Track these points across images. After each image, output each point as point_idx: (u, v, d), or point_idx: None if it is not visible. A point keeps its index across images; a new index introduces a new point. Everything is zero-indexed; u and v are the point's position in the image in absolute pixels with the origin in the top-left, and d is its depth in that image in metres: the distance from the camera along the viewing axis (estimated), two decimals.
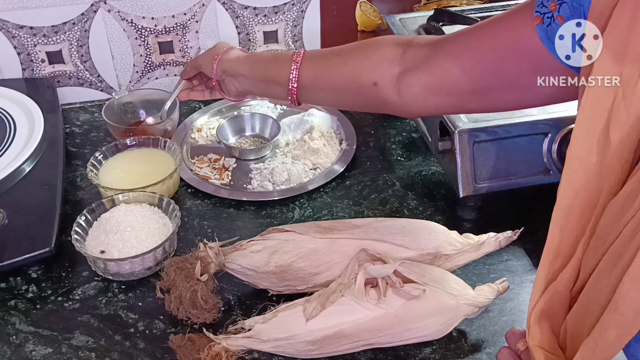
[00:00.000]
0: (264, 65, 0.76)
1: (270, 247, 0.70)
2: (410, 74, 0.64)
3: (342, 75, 0.69)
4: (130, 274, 0.75)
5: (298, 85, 0.72)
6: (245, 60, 0.78)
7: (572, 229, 0.48)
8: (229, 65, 0.79)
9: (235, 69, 0.78)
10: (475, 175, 0.79)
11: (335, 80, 0.70)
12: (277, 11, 1.07)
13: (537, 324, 0.50)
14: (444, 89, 0.63)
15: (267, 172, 0.91)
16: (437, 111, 0.70)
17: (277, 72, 0.73)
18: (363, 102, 0.71)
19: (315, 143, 0.94)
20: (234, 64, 0.78)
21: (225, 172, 0.92)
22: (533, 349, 0.50)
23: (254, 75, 0.77)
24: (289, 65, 0.72)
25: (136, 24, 1.03)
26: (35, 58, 1.03)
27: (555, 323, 0.51)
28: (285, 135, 0.97)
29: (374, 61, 0.67)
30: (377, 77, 0.66)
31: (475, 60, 0.60)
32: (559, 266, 0.50)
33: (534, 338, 0.50)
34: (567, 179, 0.49)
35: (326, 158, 0.93)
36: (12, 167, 0.83)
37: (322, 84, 0.72)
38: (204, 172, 0.92)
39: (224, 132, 0.97)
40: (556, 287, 0.50)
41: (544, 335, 0.50)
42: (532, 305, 0.51)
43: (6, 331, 0.69)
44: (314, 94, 0.73)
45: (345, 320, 0.64)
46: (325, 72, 0.71)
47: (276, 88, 0.74)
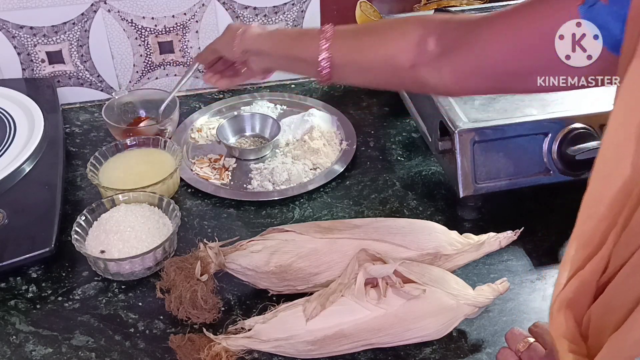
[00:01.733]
0: (290, 42, 0.73)
1: (270, 247, 0.70)
2: (449, 55, 0.62)
3: (377, 56, 0.66)
4: (130, 274, 0.75)
5: (329, 64, 0.68)
6: (269, 37, 0.75)
7: (602, 217, 0.47)
8: (251, 43, 0.75)
9: (258, 47, 0.75)
10: (475, 175, 0.79)
11: (369, 61, 0.67)
12: (277, 11, 1.07)
13: (561, 312, 0.49)
14: (484, 72, 0.61)
15: (267, 172, 0.91)
16: (477, 92, 0.69)
17: (305, 50, 0.70)
18: (398, 82, 0.69)
19: (315, 143, 0.94)
20: (256, 41, 0.75)
21: (225, 172, 0.92)
22: (556, 338, 0.49)
23: (279, 52, 0.74)
24: (316, 42, 0.69)
25: (136, 24, 1.03)
26: (35, 58, 1.03)
27: (579, 313, 0.50)
28: (285, 135, 0.97)
29: (410, 41, 0.64)
30: (414, 59, 0.64)
31: (515, 42, 0.58)
32: (587, 255, 0.49)
33: (558, 327, 0.49)
34: (600, 166, 0.48)
35: (326, 158, 0.93)
36: (12, 167, 0.83)
37: (354, 63, 0.69)
38: (204, 172, 0.92)
39: (224, 132, 0.97)
40: (583, 275, 0.49)
41: (568, 324, 0.49)
42: (557, 293, 0.49)
43: (6, 331, 0.69)
44: (344, 73, 0.70)
45: (345, 320, 0.64)
46: (358, 52, 0.68)
47: (303, 65, 0.72)
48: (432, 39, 0.63)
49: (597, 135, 0.79)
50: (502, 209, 0.84)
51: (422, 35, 0.64)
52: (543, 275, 0.75)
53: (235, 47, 0.76)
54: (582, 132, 0.78)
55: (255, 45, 0.75)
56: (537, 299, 0.73)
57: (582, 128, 0.79)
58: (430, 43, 0.63)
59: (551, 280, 0.75)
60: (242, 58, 0.77)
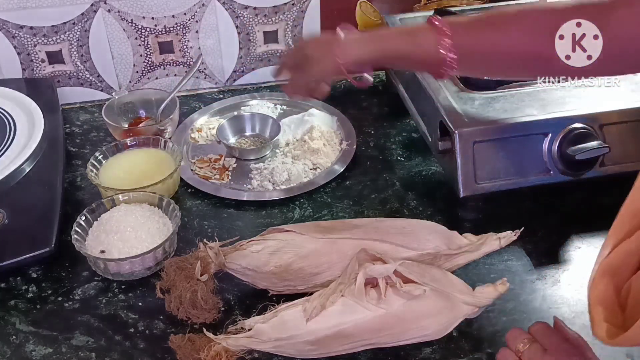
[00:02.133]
0: (399, 43, 0.70)
1: (270, 247, 0.70)
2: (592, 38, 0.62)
3: (505, 48, 0.66)
4: (130, 274, 0.75)
5: (454, 60, 0.67)
6: (371, 42, 0.71)
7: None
8: (355, 55, 0.71)
9: (364, 58, 0.71)
10: (475, 175, 0.79)
11: (498, 53, 0.66)
12: (277, 11, 1.07)
13: (603, 278, 0.49)
14: (620, 57, 0.62)
15: (267, 172, 0.91)
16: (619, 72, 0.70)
17: (419, 49, 0.68)
18: (532, 74, 0.69)
19: (315, 143, 0.94)
20: (360, 52, 0.71)
21: (225, 172, 0.92)
22: (593, 306, 0.49)
23: (388, 56, 0.71)
24: (432, 40, 0.67)
25: (136, 24, 1.03)
26: (35, 58, 1.03)
27: (620, 281, 0.50)
28: (285, 135, 0.97)
29: (540, 30, 0.64)
30: (548, 49, 0.64)
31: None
32: (636, 224, 0.49)
33: (597, 294, 0.49)
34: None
35: (326, 158, 0.93)
36: (12, 167, 0.83)
37: (480, 57, 0.68)
38: (204, 172, 0.92)
39: (224, 132, 0.97)
40: (629, 245, 0.49)
41: (608, 292, 0.49)
42: (601, 259, 0.50)
43: (6, 331, 0.69)
44: (466, 69, 0.70)
45: (345, 320, 0.64)
46: (482, 45, 0.67)
47: (415, 65, 0.71)
48: (569, 24, 0.63)
49: (597, 135, 0.79)
50: (502, 209, 0.84)
51: (553, 26, 0.63)
52: (543, 275, 0.75)
53: (341, 59, 0.71)
54: (582, 132, 0.78)
55: (361, 57, 0.71)
56: (537, 299, 0.72)
57: (582, 128, 0.79)
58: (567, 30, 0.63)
59: (551, 280, 0.75)
60: (353, 69, 0.73)
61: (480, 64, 0.69)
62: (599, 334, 0.49)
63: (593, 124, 0.79)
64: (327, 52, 0.72)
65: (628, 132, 0.82)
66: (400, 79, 1.00)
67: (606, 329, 0.48)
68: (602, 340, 0.49)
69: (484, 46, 0.67)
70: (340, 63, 0.71)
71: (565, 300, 0.72)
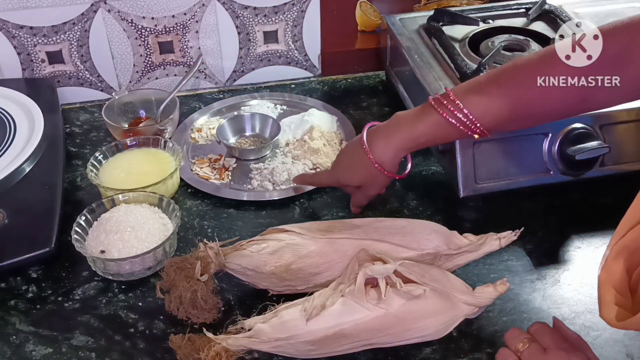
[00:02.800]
0: (430, 135, 0.72)
1: (270, 247, 0.70)
2: (624, 68, 0.63)
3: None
4: (130, 274, 0.75)
5: (482, 129, 0.70)
6: (392, 143, 0.74)
7: None
8: (384, 158, 0.75)
9: (393, 157, 0.75)
10: (475, 175, 0.79)
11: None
12: (277, 11, 1.07)
13: (617, 260, 0.50)
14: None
15: (267, 172, 0.91)
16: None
17: (450, 137, 0.72)
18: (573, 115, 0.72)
19: (315, 143, 0.94)
20: (387, 156, 0.75)
21: (225, 172, 0.92)
22: (604, 288, 0.50)
23: (422, 146, 0.74)
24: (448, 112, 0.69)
25: (136, 24, 1.03)
26: (35, 58, 1.03)
27: (633, 264, 0.50)
28: (285, 135, 0.97)
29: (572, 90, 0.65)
30: (585, 91, 0.65)
31: None
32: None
33: (609, 275, 0.50)
34: None
35: (326, 158, 0.93)
36: (12, 167, 0.83)
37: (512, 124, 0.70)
38: (204, 172, 0.92)
39: (224, 132, 0.97)
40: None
41: (620, 274, 0.50)
42: (615, 241, 0.50)
43: (6, 331, 0.69)
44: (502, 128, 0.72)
45: (345, 320, 0.64)
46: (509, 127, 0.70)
47: (442, 139, 0.74)
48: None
49: (597, 135, 0.79)
50: (502, 209, 0.84)
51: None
52: (543, 275, 0.75)
53: (387, 167, 0.75)
54: (582, 132, 0.78)
55: (391, 160, 0.75)
56: (537, 299, 0.72)
57: (582, 128, 0.79)
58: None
59: (551, 280, 0.75)
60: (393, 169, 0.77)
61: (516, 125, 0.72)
62: (607, 316, 0.49)
63: (593, 124, 0.79)
64: (373, 177, 0.77)
65: (628, 132, 0.82)
66: (400, 79, 1.00)
67: (616, 311, 0.48)
68: (610, 322, 0.49)
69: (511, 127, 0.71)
70: (390, 176, 0.77)
71: (565, 300, 0.72)
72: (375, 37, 1.14)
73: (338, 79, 1.13)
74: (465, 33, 0.96)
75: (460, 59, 0.87)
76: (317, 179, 0.85)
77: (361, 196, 0.82)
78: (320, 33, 1.11)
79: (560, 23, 0.95)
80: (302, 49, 1.12)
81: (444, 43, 0.92)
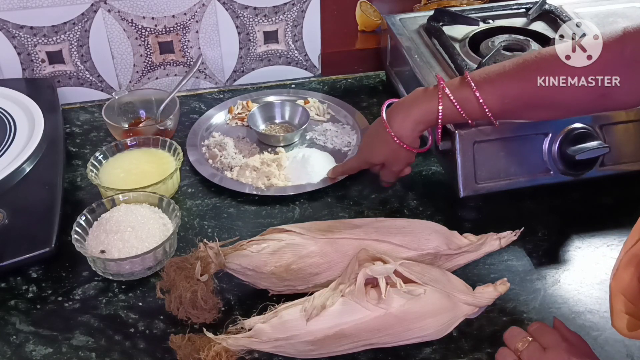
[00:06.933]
0: (435, 106, 0.74)
1: (270, 247, 0.70)
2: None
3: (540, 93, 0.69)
4: (130, 274, 0.75)
5: (491, 114, 0.72)
6: (410, 117, 0.76)
7: None
8: (403, 132, 0.77)
9: (412, 129, 0.77)
10: (475, 175, 0.79)
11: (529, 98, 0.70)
12: (277, 11, 1.07)
13: (628, 268, 0.50)
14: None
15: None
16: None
17: (465, 116, 0.73)
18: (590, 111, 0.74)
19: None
20: (406, 129, 0.77)
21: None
22: (614, 294, 0.50)
23: (431, 120, 0.75)
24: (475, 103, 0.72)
25: (136, 24, 1.03)
26: (35, 58, 1.03)
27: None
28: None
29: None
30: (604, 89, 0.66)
31: None
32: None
33: (620, 283, 0.50)
34: None
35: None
36: (12, 167, 0.83)
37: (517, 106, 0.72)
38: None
39: (254, 119, 0.99)
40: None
41: (631, 282, 0.50)
42: (627, 248, 0.50)
43: (6, 331, 0.69)
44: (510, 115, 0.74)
45: (346, 320, 0.64)
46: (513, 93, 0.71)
47: (459, 118, 0.75)
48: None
49: (597, 135, 0.79)
50: (502, 209, 0.84)
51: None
52: (543, 275, 0.75)
53: (407, 141, 0.77)
54: (582, 132, 0.78)
55: (412, 126, 0.77)
56: (537, 299, 0.73)
57: (582, 128, 0.79)
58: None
59: (551, 280, 0.75)
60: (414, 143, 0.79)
61: (515, 113, 0.74)
62: (618, 325, 0.49)
63: (593, 124, 0.79)
64: (395, 152, 0.79)
65: (628, 132, 0.82)
66: (401, 79, 1.00)
67: (627, 321, 0.48)
68: (621, 332, 0.49)
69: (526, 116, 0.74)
70: (410, 150, 0.79)
71: (565, 300, 0.72)
72: (376, 37, 1.14)
73: (338, 79, 1.13)
74: (466, 33, 0.96)
75: (460, 59, 0.87)
76: (348, 166, 0.87)
77: (387, 173, 0.83)
78: (320, 33, 1.11)
79: (560, 23, 0.95)
80: (302, 49, 1.12)
81: (444, 43, 0.92)
